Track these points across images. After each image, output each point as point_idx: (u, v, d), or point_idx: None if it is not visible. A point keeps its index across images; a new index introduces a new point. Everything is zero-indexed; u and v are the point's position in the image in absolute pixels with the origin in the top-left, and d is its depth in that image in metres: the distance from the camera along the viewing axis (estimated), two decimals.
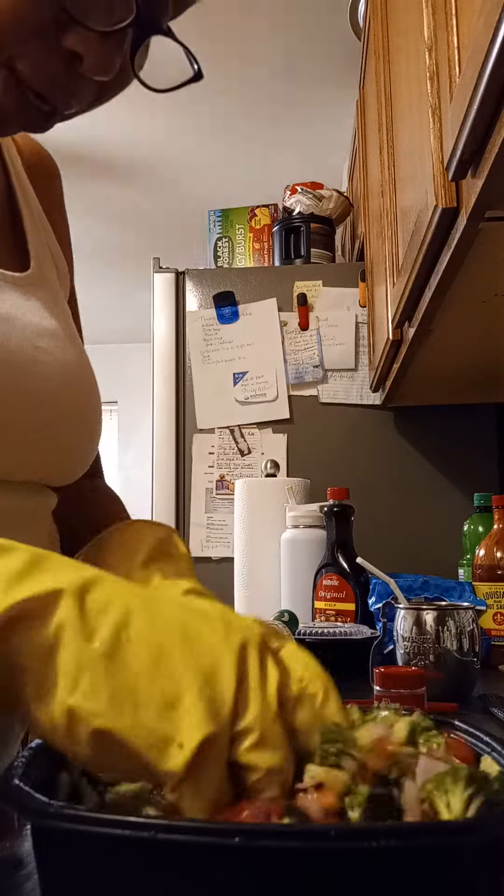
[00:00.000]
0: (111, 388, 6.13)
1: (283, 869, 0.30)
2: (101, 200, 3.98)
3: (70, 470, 0.70)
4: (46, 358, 0.64)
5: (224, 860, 0.31)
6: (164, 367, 2.34)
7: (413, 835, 0.31)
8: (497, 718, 0.94)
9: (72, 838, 0.32)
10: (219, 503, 2.26)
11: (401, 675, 0.85)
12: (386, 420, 2.25)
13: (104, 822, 0.31)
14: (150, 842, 0.30)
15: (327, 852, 0.30)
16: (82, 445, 0.70)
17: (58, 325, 0.68)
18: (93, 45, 0.53)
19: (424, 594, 1.37)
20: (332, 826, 0.32)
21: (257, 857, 0.30)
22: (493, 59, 0.62)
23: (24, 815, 0.33)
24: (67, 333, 0.70)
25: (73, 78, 0.55)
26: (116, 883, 0.32)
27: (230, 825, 0.31)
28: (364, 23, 1.91)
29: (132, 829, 0.31)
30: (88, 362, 0.73)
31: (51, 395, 0.64)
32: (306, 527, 1.60)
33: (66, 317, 0.72)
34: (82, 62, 0.54)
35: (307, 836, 0.31)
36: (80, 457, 0.71)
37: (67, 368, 0.67)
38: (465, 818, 0.33)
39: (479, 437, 2.22)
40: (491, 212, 0.83)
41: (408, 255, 1.17)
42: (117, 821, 0.31)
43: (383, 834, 0.31)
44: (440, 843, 0.31)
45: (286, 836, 0.31)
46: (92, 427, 0.71)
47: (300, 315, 2.28)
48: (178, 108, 3.12)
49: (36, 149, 0.79)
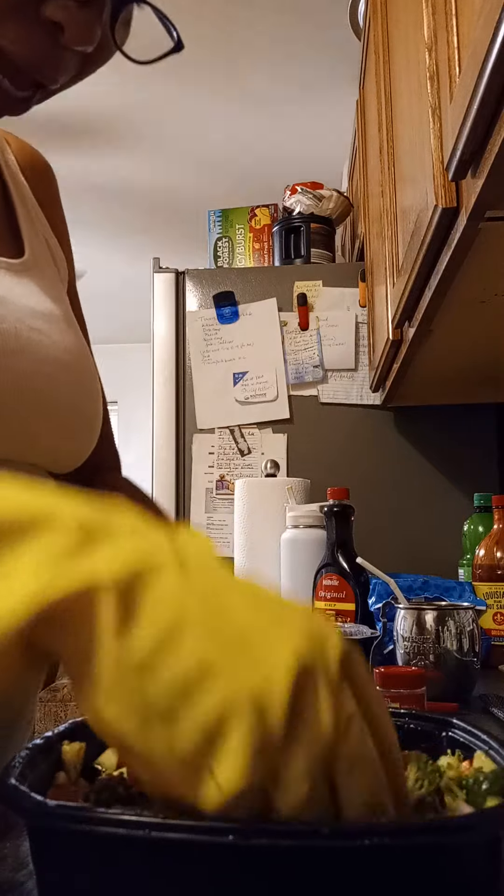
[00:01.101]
0: (111, 388, 6.06)
1: (276, 867, 0.30)
2: (102, 199, 3.98)
3: (67, 453, 0.69)
4: (42, 339, 0.64)
5: (218, 858, 0.31)
6: (164, 367, 2.34)
7: (408, 833, 0.31)
8: (497, 718, 0.94)
9: (67, 837, 0.32)
10: (219, 503, 2.26)
11: (401, 675, 0.85)
12: (386, 420, 2.25)
13: (99, 820, 0.31)
14: (145, 840, 0.30)
15: (321, 851, 0.30)
16: (79, 427, 0.69)
17: (55, 308, 0.68)
18: (73, 14, 0.54)
19: (424, 594, 1.37)
20: (326, 824, 0.32)
21: (251, 856, 0.30)
22: (493, 59, 0.62)
23: (20, 814, 0.33)
24: (65, 318, 0.69)
25: (56, 49, 0.55)
26: (112, 881, 0.32)
27: (224, 824, 0.30)
28: (364, 23, 1.91)
29: (127, 827, 0.31)
30: (87, 348, 0.73)
31: (44, 375, 0.63)
32: (306, 527, 1.60)
33: (64, 302, 0.72)
34: (63, 33, 0.54)
35: (301, 834, 0.30)
36: (78, 439, 0.69)
37: (64, 351, 0.66)
38: (461, 816, 0.33)
39: (479, 437, 2.22)
40: (491, 212, 0.83)
41: (408, 255, 1.17)
42: (112, 819, 0.31)
43: (377, 832, 0.30)
44: (436, 841, 0.31)
45: (280, 834, 0.30)
46: (89, 410, 0.70)
47: (300, 315, 2.28)
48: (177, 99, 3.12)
49: (28, 150, 0.80)
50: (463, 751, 0.43)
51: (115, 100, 3.07)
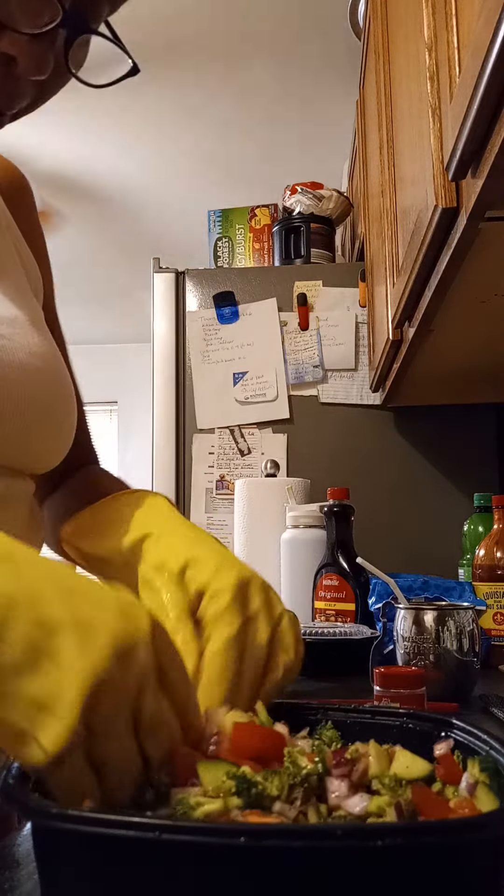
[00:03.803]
0: (111, 388, 6.12)
1: (288, 868, 0.30)
2: (103, 197, 3.98)
3: (37, 456, 0.69)
4: (7, 344, 0.64)
5: (230, 860, 0.31)
6: (164, 367, 2.34)
7: (417, 834, 0.31)
8: (497, 718, 0.94)
9: (74, 839, 0.32)
10: (219, 503, 2.26)
11: (401, 675, 0.85)
12: (386, 420, 2.25)
13: (108, 822, 0.31)
14: (155, 843, 0.30)
15: (333, 851, 0.30)
16: (50, 429, 0.69)
17: (20, 314, 0.68)
18: (24, 47, 0.55)
19: (424, 594, 1.37)
20: (337, 826, 0.32)
21: (263, 857, 0.30)
22: (493, 59, 0.62)
23: (27, 815, 0.33)
24: (33, 321, 0.69)
25: (10, 80, 0.57)
26: (119, 883, 0.32)
27: (236, 826, 0.30)
28: (364, 23, 1.91)
29: (137, 829, 0.31)
30: (57, 352, 0.72)
31: (7, 381, 0.63)
32: (306, 527, 1.60)
33: (32, 307, 0.72)
34: (17, 64, 0.56)
35: (312, 835, 0.30)
36: (48, 443, 0.69)
37: (30, 355, 0.66)
38: (468, 817, 0.33)
39: (479, 437, 2.22)
40: (491, 212, 0.83)
41: (408, 255, 1.17)
42: (121, 822, 0.31)
43: (388, 833, 0.31)
44: (444, 841, 0.31)
45: (292, 835, 0.30)
46: (59, 412, 0.70)
47: (300, 315, 2.28)
48: (177, 103, 3.12)
49: (3, 164, 0.80)
50: (463, 751, 0.43)
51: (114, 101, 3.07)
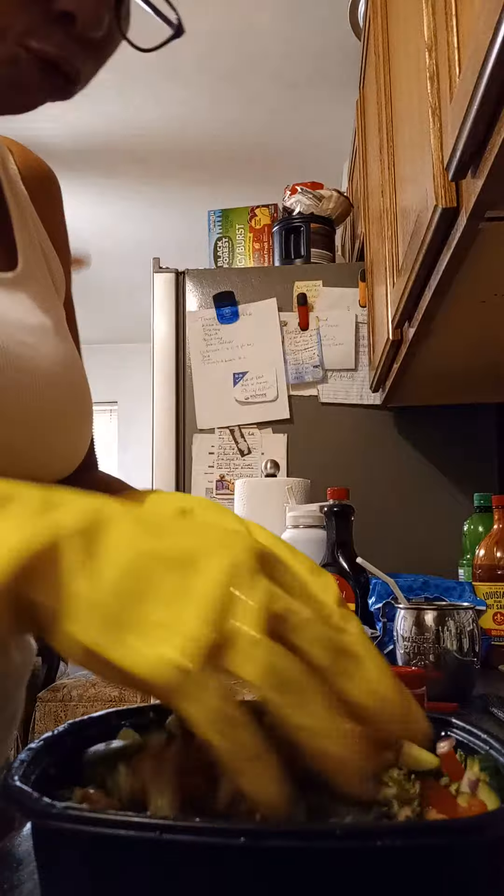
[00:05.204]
0: (111, 388, 6.12)
1: (288, 869, 0.30)
2: (103, 198, 3.98)
3: (52, 467, 0.69)
4: (31, 353, 0.64)
5: (230, 860, 0.31)
6: (164, 367, 2.34)
7: (417, 834, 0.31)
8: (497, 718, 0.94)
9: (75, 839, 0.32)
10: (219, 503, 2.26)
11: (401, 675, 0.85)
12: (386, 420, 2.25)
13: (108, 822, 0.31)
14: (156, 842, 0.30)
15: (333, 852, 0.30)
16: (66, 443, 0.69)
17: (47, 322, 0.68)
18: (82, 1, 0.57)
19: (424, 594, 1.37)
20: (337, 825, 0.32)
21: (263, 857, 0.30)
22: (493, 59, 0.62)
23: (27, 815, 0.33)
24: (57, 329, 0.70)
25: (71, 41, 0.59)
26: (119, 883, 0.32)
27: (235, 826, 0.30)
28: (364, 23, 1.91)
29: (137, 829, 0.31)
30: (79, 360, 0.73)
31: (31, 390, 0.63)
32: (306, 527, 1.60)
33: (58, 315, 0.72)
34: (76, 22, 0.57)
35: (312, 835, 0.30)
36: (65, 454, 0.70)
37: (53, 363, 0.66)
38: (468, 817, 0.33)
39: (479, 437, 2.23)
40: (491, 212, 0.83)
41: (408, 255, 1.17)
42: (122, 821, 0.31)
43: (388, 833, 0.31)
44: (445, 842, 0.31)
45: (291, 835, 0.30)
46: (77, 424, 0.70)
47: (300, 315, 2.28)
48: (177, 104, 3.12)
49: (31, 158, 0.80)
50: (463, 751, 0.43)
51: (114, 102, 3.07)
